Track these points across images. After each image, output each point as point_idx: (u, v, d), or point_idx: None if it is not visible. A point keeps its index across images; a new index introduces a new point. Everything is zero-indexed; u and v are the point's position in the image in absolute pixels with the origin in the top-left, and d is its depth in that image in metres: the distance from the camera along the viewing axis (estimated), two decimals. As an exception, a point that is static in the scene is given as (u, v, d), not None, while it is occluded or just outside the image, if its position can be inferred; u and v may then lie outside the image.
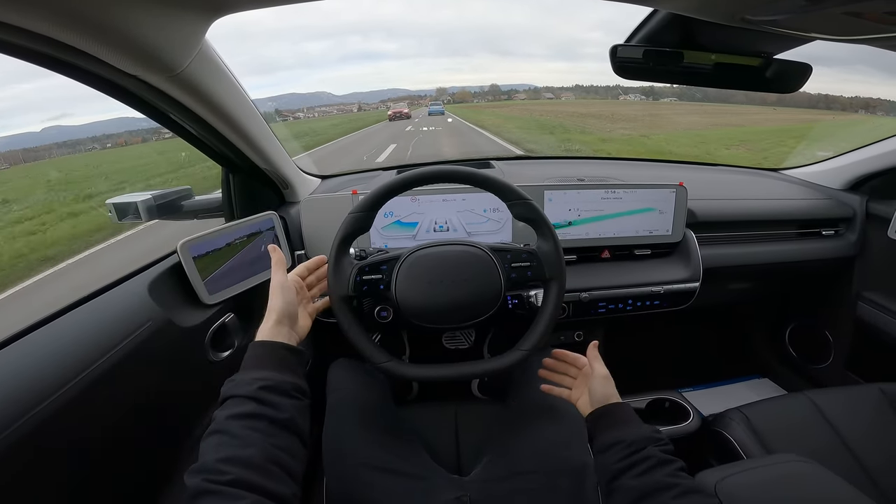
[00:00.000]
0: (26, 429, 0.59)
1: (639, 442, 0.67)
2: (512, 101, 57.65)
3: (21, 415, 0.59)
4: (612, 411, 0.75)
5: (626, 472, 0.65)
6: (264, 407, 0.58)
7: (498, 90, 77.89)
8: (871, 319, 1.49)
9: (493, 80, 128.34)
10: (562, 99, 53.57)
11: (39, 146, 13.84)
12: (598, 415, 0.76)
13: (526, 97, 62.27)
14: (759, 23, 0.63)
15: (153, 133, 10.29)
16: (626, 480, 0.64)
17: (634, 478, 0.64)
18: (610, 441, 0.70)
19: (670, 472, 0.63)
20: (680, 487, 0.61)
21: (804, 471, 0.83)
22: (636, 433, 0.69)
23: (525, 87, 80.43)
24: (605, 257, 1.32)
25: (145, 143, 9.99)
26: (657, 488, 0.61)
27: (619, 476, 0.66)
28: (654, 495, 0.61)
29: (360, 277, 0.83)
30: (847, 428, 1.08)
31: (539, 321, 0.84)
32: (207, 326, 0.95)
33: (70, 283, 3.88)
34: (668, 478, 0.62)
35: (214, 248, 0.96)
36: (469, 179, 0.84)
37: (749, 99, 23.85)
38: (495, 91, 77.54)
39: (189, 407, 0.97)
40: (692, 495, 0.60)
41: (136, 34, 0.59)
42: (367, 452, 0.86)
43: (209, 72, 0.79)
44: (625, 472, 0.65)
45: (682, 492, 0.60)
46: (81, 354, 0.70)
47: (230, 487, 0.49)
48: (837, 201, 1.54)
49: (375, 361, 0.81)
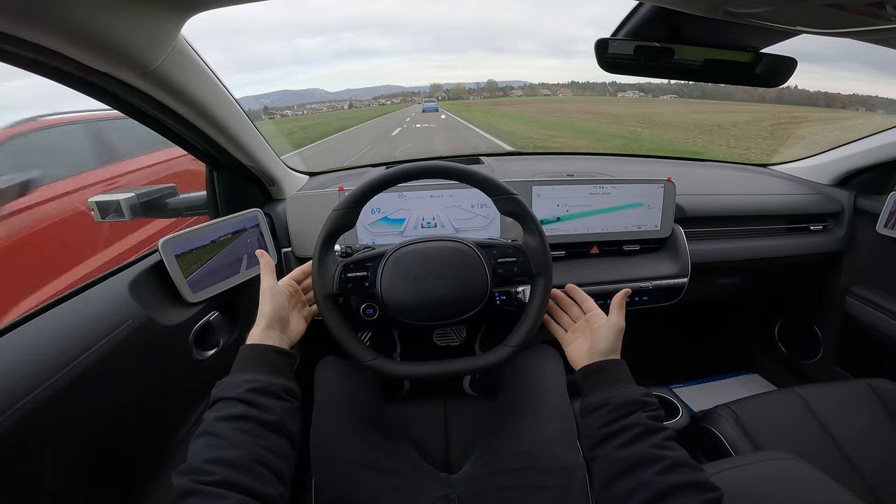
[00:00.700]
0: (4, 428, 0.58)
1: (626, 406, 0.65)
2: (508, 97, 56.50)
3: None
4: (603, 369, 0.72)
5: (611, 440, 0.63)
6: (252, 409, 0.59)
7: (495, 86, 75.62)
8: (860, 314, 1.50)
9: (487, 76, 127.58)
10: (559, 96, 52.62)
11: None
12: (588, 371, 0.73)
13: (523, 94, 61.11)
14: (742, 15, 0.63)
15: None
16: (610, 451, 0.62)
17: (618, 448, 0.62)
18: (596, 403, 0.68)
19: (656, 443, 0.60)
20: (667, 461, 0.58)
21: (793, 468, 0.83)
22: (624, 396, 0.66)
23: (519, 84, 78.52)
24: (593, 253, 1.32)
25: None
26: (642, 461, 0.59)
27: (603, 443, 0.64)
28: (639, 469, 0.58)
29: (345, 275, 0.82)
30: (836, 424, 1.08)
31: (526, 317, 0.84)
32: (191, 325, 0.94)
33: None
34: (654, 449, 0.60)
35: (197, 245, 0.95)
36: (454, 175, 0.83)
37: (749, 96, 23.88)
38: (492, 87, 75.30)
39: (174, 406, 0.96)
40: (679, 469, 0.57)
41: (106, 32, 0.58)
42: (355, 450, 0.86)
43: (186, 68, 0.78)
44: (609, 440, 0.63)
45: (669, 466, 0.57)
46: (58, 354, 0.68)
47: (216, 487, 0.50)
48: (826, 196, 1.54)
49: (362, 360, 0.80)
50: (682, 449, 0.61)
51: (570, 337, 0.83)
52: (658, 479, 0.56)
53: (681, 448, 0.61)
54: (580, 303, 0.85)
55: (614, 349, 0.75)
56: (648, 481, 0.56)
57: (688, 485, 0.55)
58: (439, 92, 61.11)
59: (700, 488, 0.55)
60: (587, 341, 0.78)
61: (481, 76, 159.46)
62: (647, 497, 0.55)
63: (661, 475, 0.56)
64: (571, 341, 0.82)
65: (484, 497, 0.81)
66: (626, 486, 0.58)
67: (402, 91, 54.90)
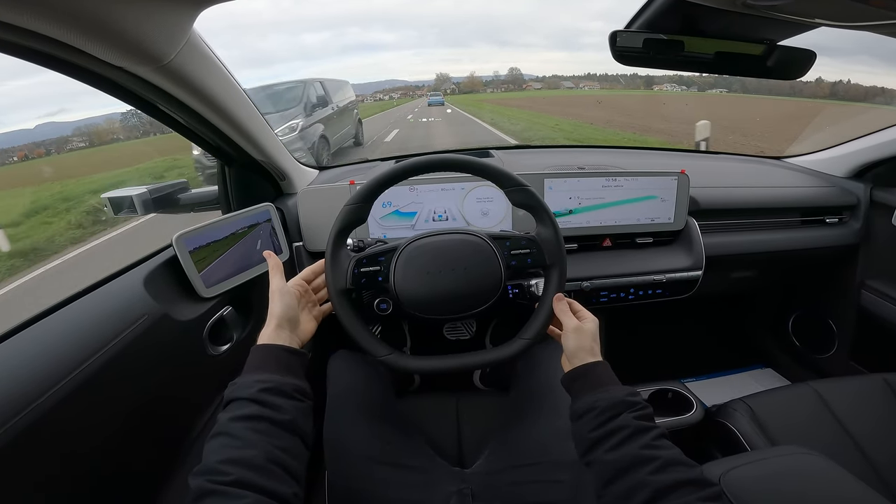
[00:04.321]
0: (22, 425, 0.58)
1: (612, 408, 0.64)
2: (525, 91, 51.77)
3: (17, 412, 0.58)
4: (585, 373, 0.71)
5: (601, 444, 0.62)
6: (265, 409, 0.59)
7: (520, 77, 64.16)
8: (875, 308, 1.48)
9: (493, 70, 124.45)
10: (584, 89, 48.45)
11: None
12: (572, 377, 0.72)
13: (542, 87, 55.61)
14: (762, 8, 0.62)
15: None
16: (601, 454, 0.61)
17: (609, 451, 0.60)
18: (583, 408, 0.66)
19: (646, 443, 0.59)
20: (659, 461, 0.57)
21: (811, 463, 0.82)
22: (609, 398, 0.65)
23: (530, 77, 70.53)
24: (606, 246, 1.31)
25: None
26: (633, 463, 0.58)
27: (594, 448, 0.63)
28: (631, 471, 0.57)
29: (359, 270, 0.81)
30: (852, 419, 1.07)
31: (541, 309, 0.83)
32: (205, 320, 0.94)
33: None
34: (644, 450, 0.58)
35: (211, 240, 0.95)
36: (467, 167, 0.82)
37: (794, 90, 21.59)
38: (515, 79, 63.89)
39: (189, 402, 0.97)
40: (673, 468, 0.56)
41: (121, 25, 0.58)
42: (368, 445, 0.86)
43: (199, 62, 0.78)
44: (599, 444, 0.62)
45: (662, 465, 0.56)
46: (77, 350, 0.69)
47: (232, 487, 0.50)
48: (841, 189, 1.52)
49: (376, 355, 0.79)
50: (675, 447, 0.60)
51: (564, 342, 0.82)
52: (653, 479, 0.55)
53: (673, 446, 0.60)
54: (574, 311, 0.84)
55: (584, 347, 0.73)
56: (643, 482, 0.55)
57: (684, 482, 0.54)
58: (448, 84, 57.48)
59: (697, 485, 0.54)
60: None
61: (486, 70, 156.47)
62: (646, 498, 0.54)
63: (655, 475, 0.56)
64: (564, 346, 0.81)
65: (498, 491, 0.81)
66: (622, 488, 0.57)
67: (406, 85, 51.28)
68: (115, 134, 12.05)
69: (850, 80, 31.54)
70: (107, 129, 11.88)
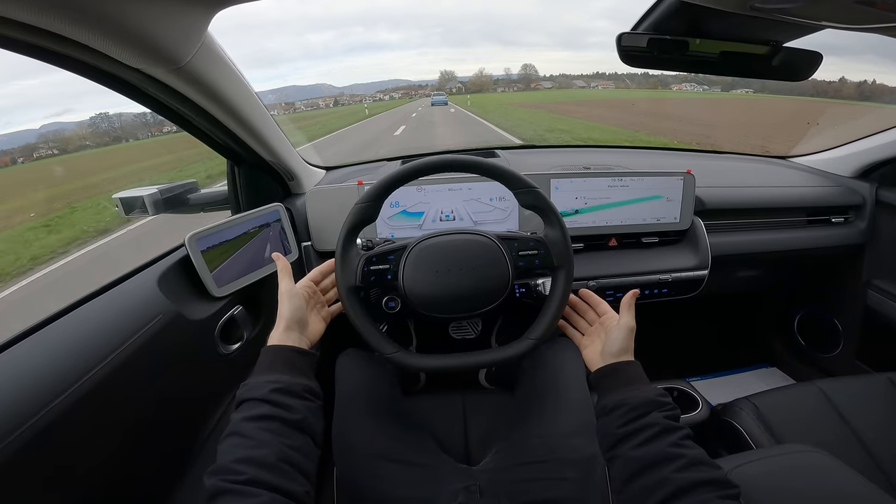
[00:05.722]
0: (41, 425, 0.60)
1: (642, 406, 0.65)
2: (536, 90, 50.15)
3: (36, 411, 0.60)
4: (618, 370, 0.72)
5: (628, 440, 0.63)
6: (277, 409, 0.61)
7: (534, 76, 61.02)
8: (881, 308, 1.48)
9: (497, 69, 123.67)
10: (599, 88, 46.76)
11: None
12: (604, 373, 0.73)
13: (553, 86, 54.22)
14: (769, 10, 0.62)
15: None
16: (627, 450, 0.62)
17: (636, 448, 0.61)
18: (612, 404, 0.68)
19: (674, 442, 0.60)
20: (684, 459, 0.58)
21: (817, 461, 0.82)
22: (640, 396, 0.66)
23: (538, 76, 68.55)
24: (612, 245, 1.31)
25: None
26: (660, 460, 0.59)
27: (620, 444, 0.64)
28: (657, 467, 0.58)
29: (368, 268, 0.82)
30: (857, 418, 1.07)
31: (547, 309, 0.83)
32: (217, 319, 0.95)
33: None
34: (671, 448, 0.59)
35: (222, 240, 0.96)
36: (475, 168, 0.83)
37: (817, 91, 20.80)
38: (528, 77, 60.63)
39: (201, 400, 0.98)
40: (697, 467, 0.57)
41: (139, 27, 0.59)
42: (376, 442, 0.87)
43: (213, 64, 0.79)
44: (626, 440, 0.63)
45: (687, 464, 0.57)
46: (95, 349, 0.70)
47: (247, 486, 0.51)
48: (847, 188, 1.52)
49: (384, 352, 0.80)
50: (700, 447, 0.61)
51: (587, 340, 0.83)
52: (677, 476, 0.56)
53: (698, 446, 0.61)
54: (594, 306, 0.85)
55: (626, 349, 0.75)
56: (667, 478, 0.56)
57: (707, 482, 0.55)
58: (453, 83, 56.01)
59: (719, 485, 0.55)
60: (601, 343, 0.78)
61: (492, 69, 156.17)
62: (667, 494, 0.55)
63: (680, 472, 0.56)
64: (588, 345, 0.81)
65: (504, 488, 0.81)
66: (644, 483, 0.58)
67: (409, 84, 49.83)
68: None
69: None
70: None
